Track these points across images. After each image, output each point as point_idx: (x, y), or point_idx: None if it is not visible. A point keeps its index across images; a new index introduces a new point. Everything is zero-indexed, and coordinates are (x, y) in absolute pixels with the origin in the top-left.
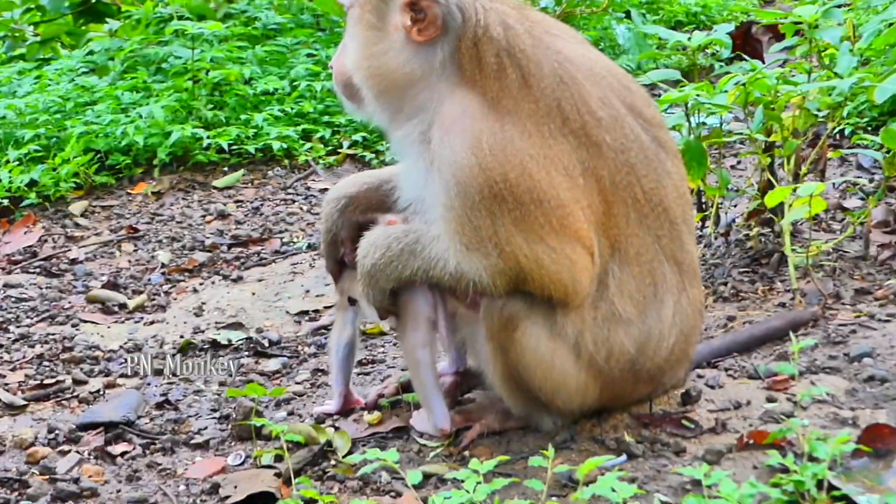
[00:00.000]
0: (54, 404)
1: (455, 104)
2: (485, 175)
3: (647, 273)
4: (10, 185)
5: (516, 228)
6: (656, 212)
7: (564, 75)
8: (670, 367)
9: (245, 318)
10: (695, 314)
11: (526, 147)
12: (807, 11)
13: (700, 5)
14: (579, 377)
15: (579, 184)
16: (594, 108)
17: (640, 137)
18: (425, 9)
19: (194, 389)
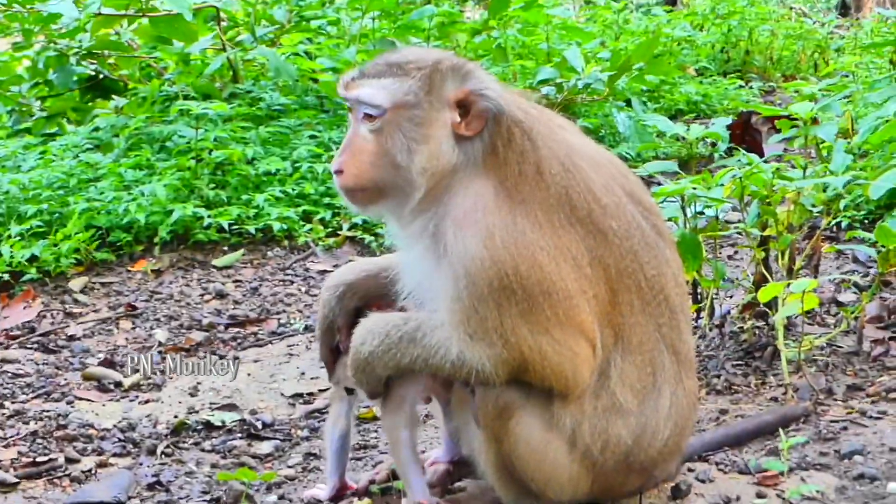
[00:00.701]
0: (46, 482)
1: (469, 196)
2: (496, 268)
3: (648, 362)
4: (11, 260)
5: (522, 320)
6: (658, 299)
7: (570, 164)
8: (663, 460)
9: (239, 400)
10: (689, 406)
11: (537, 238)
12: (802, 108)
13: (701, 94)
14: (572, 468)
15: (587, 273)
16: (599, 196)
17: (641, 224)
18: (471, 104)
19: (186, 471)
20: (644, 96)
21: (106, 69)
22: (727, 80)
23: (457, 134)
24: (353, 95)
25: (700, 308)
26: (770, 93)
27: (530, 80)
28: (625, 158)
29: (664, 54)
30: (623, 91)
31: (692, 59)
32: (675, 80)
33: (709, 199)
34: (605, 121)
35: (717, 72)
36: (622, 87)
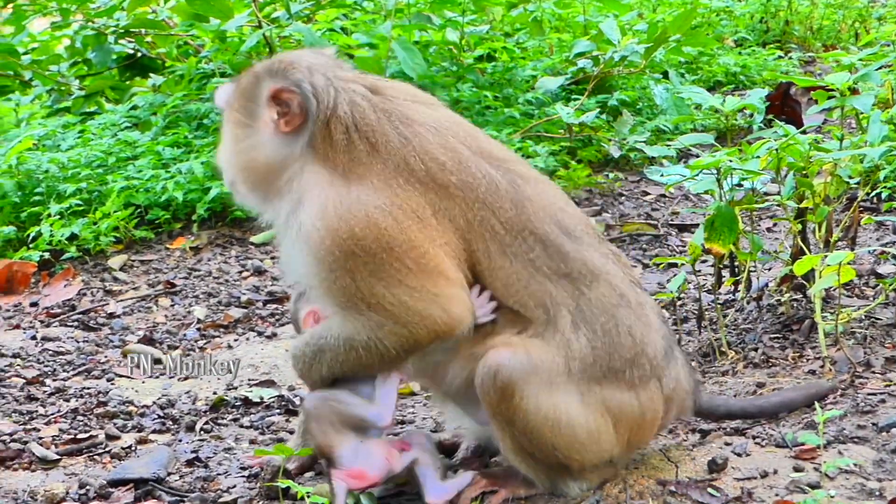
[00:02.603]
0: (86, 459)
1: (308, 181)
2: (332, 236)
3: (526, 300)
4: (51, 239)
5: (374, 278)
6: (521, 236)
7: (408, 133)
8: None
9: (278, 376)
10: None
11: (372, 200)
12: (839, 79)
13: (739, 65)
14: (588, 421)
15: (432, 224)
16: (436, 155)
17: (490, 174)
18: (288, 100)
19: (225, 447)
20: (682, 68)
21: (144, 47)
22: (766, 51)
23: (280, 131)
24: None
25: (737, 281)
26: (810, 63)
27: (567, 53)
28: (662, 131)
29: (702, 25)
30: (660, 63)
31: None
32: (713, 51)
33: (745, 172)
34: (642, 93)
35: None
36: (659, 60)
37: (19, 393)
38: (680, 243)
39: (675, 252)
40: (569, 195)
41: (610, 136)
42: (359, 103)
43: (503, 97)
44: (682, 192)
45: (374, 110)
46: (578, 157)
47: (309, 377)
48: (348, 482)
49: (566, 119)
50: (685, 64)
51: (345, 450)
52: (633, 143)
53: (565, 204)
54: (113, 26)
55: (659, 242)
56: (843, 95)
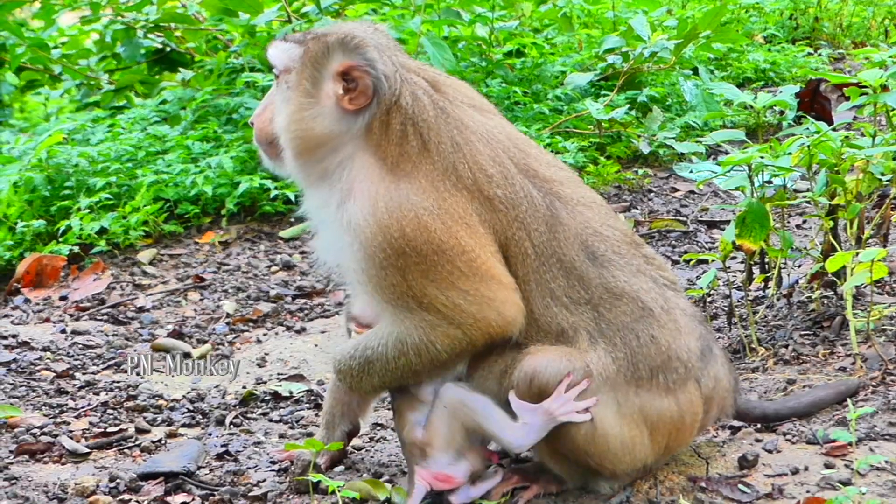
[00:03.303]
0: (116, 452)
1: (358, 169)
2: (383, 233)
3: (544, 325)
4: (80, 233)
5: (426, 279)
6: (548, 264)
7: (460, 140)
8: (683, 365)
9: (307, 370)
10: (634, 314)
11: (420, 201)
12: (872, 76)
13: (769, 62)
14: (623, 431)
15: (479, 231)
16: (485, 167)
17: (531, 193)
18: (357, 79)
19: (254, 441)
20: (711, 64)
21: (173, 42)
22: (796, 48)
23: (342, 107)
24: (266, 52)
25: (767, 278)
26: (839, 60)
27: (596, 49)
28: (691, 127)
29: (731, 22)
30: (690, 59)
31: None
32: (742, 47)
33: (776, 168)
34: (671, 89)
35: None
36: (689, 56)
37: (49, 386)
38: (709, 240)
39: (704, 249)
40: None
41: (639, 132)
42: (420, 97)
43: (532, 93)
44: (712, 188)
45: (434, 107)
46: (607, 154)
47: (359, 389)
48: (433, 484)
49: (595, 115)
50: (714, 60)
51: (445, 455)
52: (662, 140)
53: (601, 224)
54: (142, 21)
55: (688, 239)
56: (875, 92)
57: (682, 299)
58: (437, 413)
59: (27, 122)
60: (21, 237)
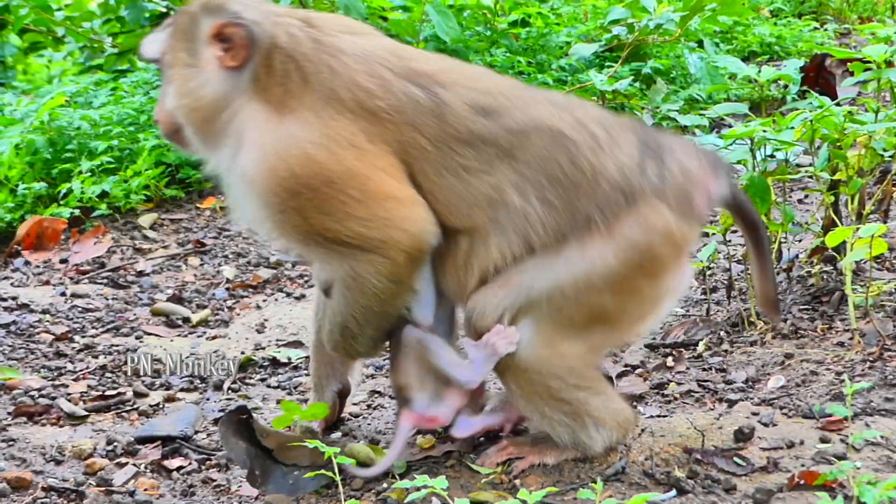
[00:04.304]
0: (114, 416)
1: (247, 119)
2: (273, 177)
3: (472, 210)
4: (82, 196)
5: (323, 214)
6: (449, 146)
7: (337, 65)
8: (617, 184)
9: (305, 337)
10: (546, 141)
11: (306, 135)
12: (876, 51)
13: (774, 36)
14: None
15: (369, 149)
16: (364, 83)
17: (413, 93)
18: (231, 35)
19: (252, 406)
20: (716, 37)
21: (176, 5)
22: (802, 22)
23: (227, 67)
24: (139, 56)
25: None
26: (845, 35)
27: (601, 20)
28: (695, 100)
29: None
30: (695, 32)
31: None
32: (748, 21)
33: (779, 142)
34: (676, 62)
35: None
36: (694, 28)
37: (48, 349)
38: (710, 213)
39: (706, 222)
40: None
41: (643, 104)
42: (296, 34)
43: (536, 63)
44: None
45: (310, 40)
46: None
47: (355, 353)
48: (419, 424)
49: (599, 86)
50: (720, 33)
51: (422, 395)
52: (666, 112)
53: (485, 84)
54: None
55: None
56: (879, 68)
57: (593, 109)
58: (403, 355)
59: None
60: (22, 199)
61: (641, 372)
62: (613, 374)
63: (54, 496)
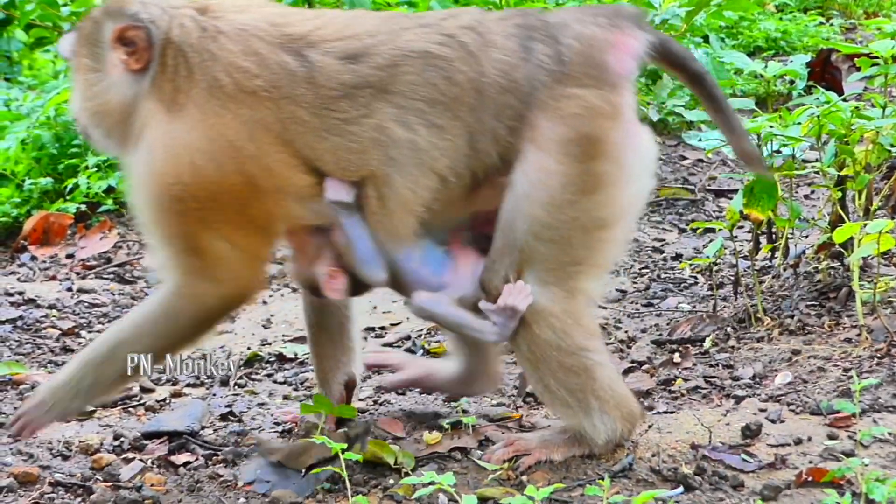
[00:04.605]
0: (121, 411)
1: (145, 119)
2: (162, 182)
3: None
4: (88, 191)
5: (201, 224)
6: (328, 108)
7: (216, 49)
8: (512, 79)
9: None
10: (417, 61)
11: (192, 140)
12: (883, 46)
13: (780, 31)
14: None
15: (250, 153)
16: (240, 63)
17: (285, 62)
18: (133, 38)
19: (258, 402)
20: (722, 32)
21: None
22: (807, 17)
23: (132, 70)
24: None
25: (774, 248)
26: (851, 30)
27: None
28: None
29: None
30: (701, 27)
31: None
32: (753, 16)
33: (785, 138)
34: None
35: (797, 8)
36: (700, 23)
37: (55, 344)
38: (716, 209)
39: (712, 217)
40: None
41: (648, 99)
42: (186, 25)
43: None
44: (720, 157)
45: (198, 29)
46: None
47: (115, 373)
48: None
49: None
50: (725, 28)
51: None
52: (671, 108)
53: (347, 29)
54: None
55: (696, 207)
56: (886, 63)
57: (465, 16)
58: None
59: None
60: (28, 195)
61: (648, 368)
62: (621, 370)
63: (61, 491)
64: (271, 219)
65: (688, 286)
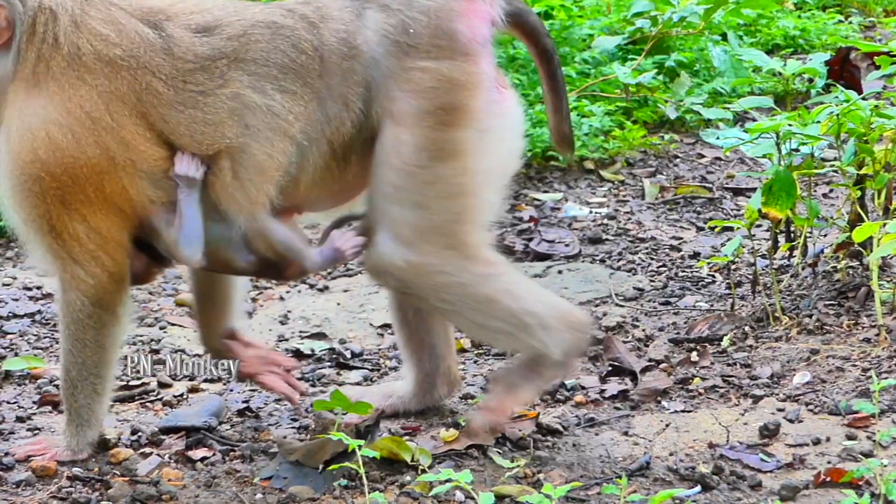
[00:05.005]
0: (138, 406)
1: (9, 100)
2: (19, 160)
3: (222, 131)
4: None
5: (61, 204)
6: (184, 81)
7: (80, 18)
8: (347, 46)
9: (329, 329)
10: (264, 29)
11: (51, 114)
12: None
13: (799, 29)
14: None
15: (107, 124)
16: (100, 31)
17: (145, 33)
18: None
19: (275, 398)
20: (740, 30)
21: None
22: (826, 15)
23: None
24: None
25: (793, 247)
26: (870, 28)
27: (625, 13)
28: (719, 93)
29: None
30: (719, 25)
31: None
32: (772, 13)
33: (804, 136)
34: (699, 55)
35: (815, 6)
36: (718, 21)
37: None
38: (734, 207)
39: (730, 216)
40: (623, 156)
41: (666, 97)
42: (60, 3)
43: (560, 56)
44: (738, 155)
45: (74, 3)
46: (634, 118)
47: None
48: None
49: (623, 79)
50: (744, 26)
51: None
52: (689, 105)
53: (200, 4)
54: None
55: (713, 206)
56: None
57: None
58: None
59: None
60: None
61: (665, 367)
62: (637, 368)
63: (79, 485)
64: (126, 197)
65: (705, 285)
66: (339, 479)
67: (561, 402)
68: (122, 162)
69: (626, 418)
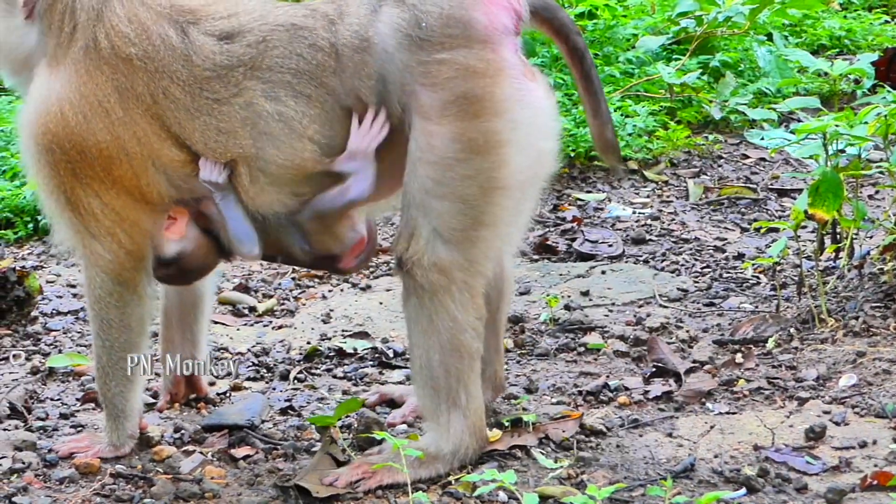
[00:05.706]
0: (181, 404)
1: (36, 75)
2: (34, 131)
3: (236, 138)
4: None
5: (74, 177)
6: (199, 88)
7: (103, 8)
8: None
9: (371, 328)
10: (278, 33)
11: (66, 93)
12: None
13: (845, 29)
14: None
15: (119, 117)
16: (121, 28)
17: (167, 35)
18: None
19: (318, 397)
20: (786, 30)
21: None
22: (872, 15)
23: (24, 14)
24: None
25: (839, 248)
26: None
27: (669, 13)
28: (764, 94)
29: None
30: (764, 25)
31: None
32: (817, 14)
33: (852, 138)
34: (744, 55)
35: (861, 6)
36: (763, 21)
37: None
38: (779, 208)
39: (774, 217)
40: (667, 156)
41: (711, 97)
42: None
43: (603, 55)
44: (783, 156)
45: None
46: (678, 118)
47: (112, 406)
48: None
49: (667, 79)
50: (789, 26)
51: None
52: (734, 106)
53: (230, 6)
54: None
55: (758, 206)
56: None
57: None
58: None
59: None
60: None
61: (710, 368)
62: (681, 370)
63: (122, 483)
64: (136, 184)
65: (750, 286)
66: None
67: (604, 403)
68: (132, 153)
69: (670, 420)
